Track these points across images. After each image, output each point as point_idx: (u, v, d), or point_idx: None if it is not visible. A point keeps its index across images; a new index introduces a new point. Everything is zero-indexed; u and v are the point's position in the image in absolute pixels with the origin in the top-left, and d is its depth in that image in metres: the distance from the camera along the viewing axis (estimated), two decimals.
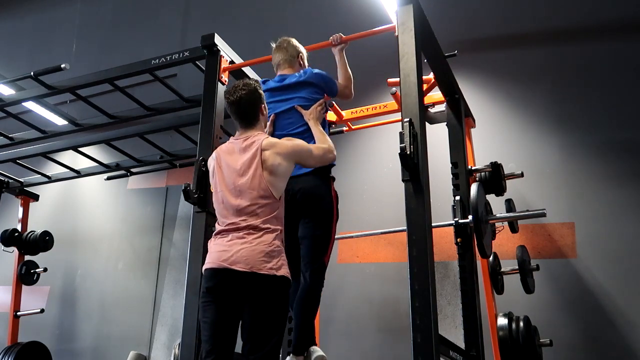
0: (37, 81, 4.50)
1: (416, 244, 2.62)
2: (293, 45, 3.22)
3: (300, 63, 3.22)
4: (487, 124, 4.87)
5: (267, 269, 2.43)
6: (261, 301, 2.44)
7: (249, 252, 2.44)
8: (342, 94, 3.20)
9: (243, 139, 2.65)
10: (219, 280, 2.48)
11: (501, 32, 5.39)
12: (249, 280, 2.42)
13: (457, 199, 3.76)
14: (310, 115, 2.96)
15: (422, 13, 3.15)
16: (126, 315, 6.31)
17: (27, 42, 8.54)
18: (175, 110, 4.87)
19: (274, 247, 2.49)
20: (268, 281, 2.43)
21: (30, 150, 5.82)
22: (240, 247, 2.46)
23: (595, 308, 4.32)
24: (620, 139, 4.64)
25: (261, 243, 2.47)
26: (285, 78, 3.13)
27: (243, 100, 2.62)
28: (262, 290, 2.44)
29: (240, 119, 2.67)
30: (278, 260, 2.48)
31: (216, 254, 2.52)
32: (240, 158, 2.60)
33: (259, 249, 2.45)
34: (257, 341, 2.42)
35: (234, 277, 2.44)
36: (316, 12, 6.18)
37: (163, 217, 6.52)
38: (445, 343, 2.96)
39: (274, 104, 3.06)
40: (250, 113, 2.66)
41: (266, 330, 2.43)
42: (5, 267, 6.57)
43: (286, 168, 2.60)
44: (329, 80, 3.13)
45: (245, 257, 2.44)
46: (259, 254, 2.44)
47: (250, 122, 2.67)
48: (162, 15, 7.48)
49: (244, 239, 2.48)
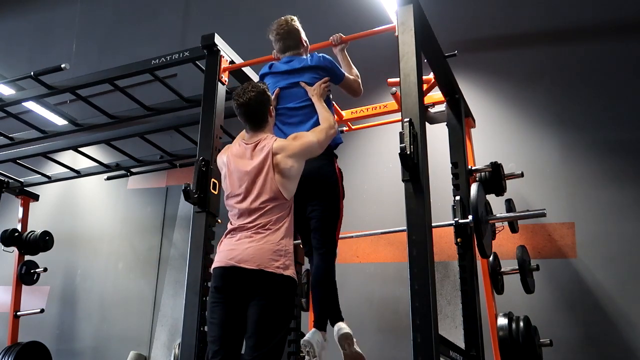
0: (37, 81, 4.50)
1: (416, 244, 2.62)
2: (296, 29, 3.20)
3: (304, 44, 3.23)
4: (487, 124, 4.87)
5: (274, 267, 2.45)
6: (266, 299, 2.45)
7: (256, 250, 2.47)
8: (351, 89, 3.23)
9: (253, 143, 2.66)
10: (227, 278, 2.50)
11: (501, 32, 5.39)
12: (257, 278, 2.44)
13: (457, 199, 3.75)
14: (314, 91, 2.98)
15: (422, 13, 3.15)
16: (126, 315, 6.32)
17: (27, 42, 8.54)
18: (175, 110, 4.88)
19: (282, 246, 2.51)
20: (275, 280, 2.45)
21: (30, 150, 5.82)
22: (247, 246, 2.49)
23: (595, 308, 4.32)
24: (620, 139, 4.64)
25: (269, 242, 2.50)
26: (292, 60, 3.14)
27: (252, 101, 2.64)
28: (268, 288, 2.45)
29: (250, 121, 2.69)
30: (286, 260, 2.50)
31: (224, 253, 2.55)
32: (251, 163, 2.62)
33: (266, 247, 2.48)
34: (260, 339, 2.42)
35: (241, 275, 2.46)
36: (316, 12, 6.17)
37: (163, 217, 6.53)
38: (445, 343, 2.96)
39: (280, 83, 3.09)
40: (260, 115, 2.68)
41: (270, 328, 2.44)
42: (5, 267, 6.57)
43: (298, 169, 2.62)
44: (335, 66, 3.15)
45: (253, 255, 2.46)
46: (267, 252, 2.47)
47: (260, 123, 2.69)
48: (162, 15, 7.49)
49: (252, 237, 2.51)
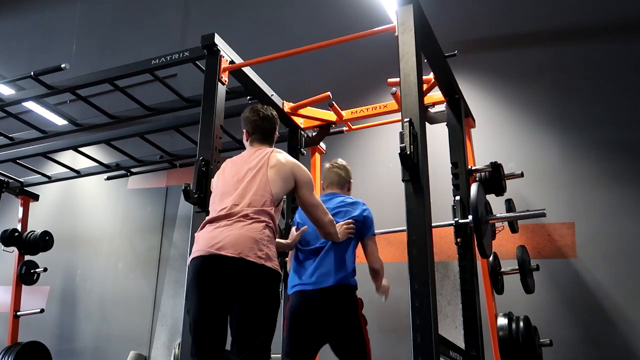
0: (37, 81, 4.50)
1: (416, 244, 2.61)
2: (348, 171, 3.40)
3: (348, 188, 3.40)
4: (487, 124, 4.87)
5: (255, 257, 2.39)
6: (250, 294, 2.38)
7: (237, 237, 2.42)
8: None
9: (255, 149, 2.76)
10: (207, 267, 2.42)
11: (501, 32, 5.39)
12: (238, 267, 2.37)
13: (457, 199, 3.75)
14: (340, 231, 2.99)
15: (422, 13, 3.15)
16: (126, 315, 6.31)
17: (27, 42, 8.54)
18: (175, 110, 4.87)
19: (264, 235, 2.47)
20: (257, 271, 2.39)
21: (30, 150, 5.82)
22: (228, 233, 2.44)
23: (595, 308, 4.32)
24: (620, 139, 4.64)
25: (251, 230, 2.45)
26: (333, 198, 3.24)
27: (271, 117, 2.85)
28: (251, 281, 2.39)
29: (263, 133, 2.83)
30: (268, 250, 2.45)
31: (203, 242, 2.48)
32: (246, 164, 2.68)
33: (247, 234, 2.43)
34: (245, 338, 2.35)
35: (222, 263, 2.39)
36: (316, 12, 6.17)
37: (163, 217, 6.52)
38: (445, 343, 2.96)
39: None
40: (272, 131, 2.86)
41: (256, 326, 2.37)
42: (5, 267, 6.57)
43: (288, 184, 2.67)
44: (371, 225, 3.18)
45: (233, 243, 2.40)
46: (248, 240, 2.41)
47: (269, 139, 2.84)
48: (162, 15, 7.48)
49: (233, 225, 2.46)
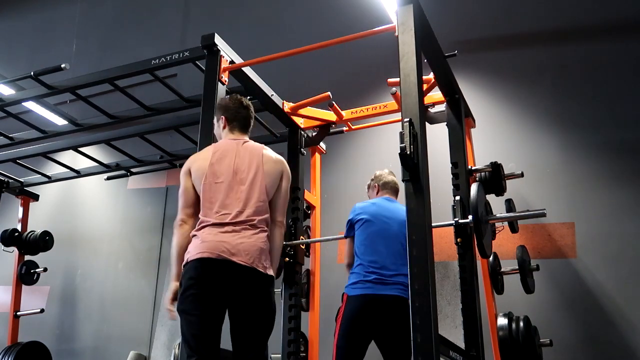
0: (37, 81, 4.49)
1: (416, 244, 2.61)
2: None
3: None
4: (487, 124, 4.87)
5: (262, 267, 2.47)
6: (260, 301, 2.45)
7: (248, 246, 2.45)
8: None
9: (243, 141, 2.76)
10: (218, 270, 2.40)
11: (501, 32, 5.39)
12: (249, 275, 2.42)
13: (457, 199, 3.74)
14: None
15: (422, 13, 3.15)
16: (126, 315, 6.32)
17: (27, 42, 8.54)
18: (175, 110, 4.86)
19: (267, 245, 2.55)
20: (264, 280, 2.47)
21: (30, 150, 5.81)
22: (239, 241, 2.45)
23: (595, 308, 4.32)
24: (620, 139, 4.64)
25: (258, 240, 2.50)
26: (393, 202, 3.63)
27: (250, 107, 2.90)
28: (259, 288, 2.45)
29: (244, 123, 2.86)
30: (268, 258, 2.54)
31: (211, 244, 2.42)
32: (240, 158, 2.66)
33: (257, 244, 2.48)
34: (252, 342, 2.43)
35: (234, 269, 2.40)
36: (316, 12, 6.17)
37: (163, 217, 6.52)
38: (445, 343, 2.95)
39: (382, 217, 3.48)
40: (251, 120, 2.91)
41: (263, 331, 2.47)
42: (5, 267, 6.57)
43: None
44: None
45: (246, 252, 2.43)
46: (257, 250, 2.47)
47: (247, 127, 2.88)
48: (162, 15, 7.48)
49: (241, 233, 2.48)
